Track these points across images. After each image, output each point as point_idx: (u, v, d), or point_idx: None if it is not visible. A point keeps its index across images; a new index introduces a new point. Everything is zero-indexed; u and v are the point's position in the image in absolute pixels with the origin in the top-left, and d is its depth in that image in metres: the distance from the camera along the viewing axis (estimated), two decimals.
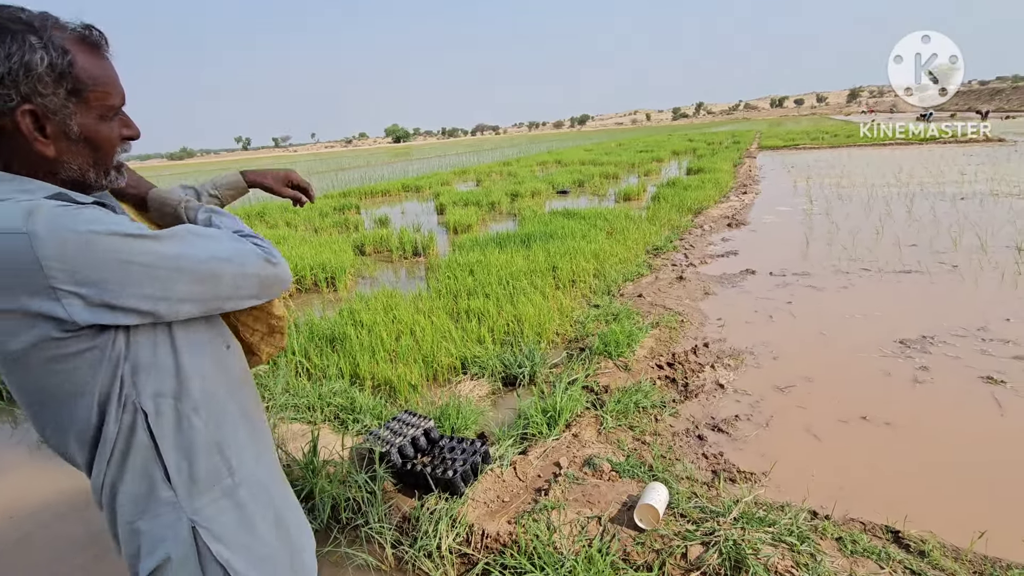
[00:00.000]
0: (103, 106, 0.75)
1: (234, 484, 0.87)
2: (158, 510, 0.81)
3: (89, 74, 0.73)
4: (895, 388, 3.07)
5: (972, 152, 16.12)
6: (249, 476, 0.90)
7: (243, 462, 0.90)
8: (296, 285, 5.89)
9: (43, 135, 0.72)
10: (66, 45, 0.71)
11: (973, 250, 5.66)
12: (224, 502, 0.86)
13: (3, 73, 0.66)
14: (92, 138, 0.76)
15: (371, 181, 19.19)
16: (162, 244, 0.73)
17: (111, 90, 0.76)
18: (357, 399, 2.97)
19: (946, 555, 1.82)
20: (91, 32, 0.75)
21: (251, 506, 0.89)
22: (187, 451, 0.82)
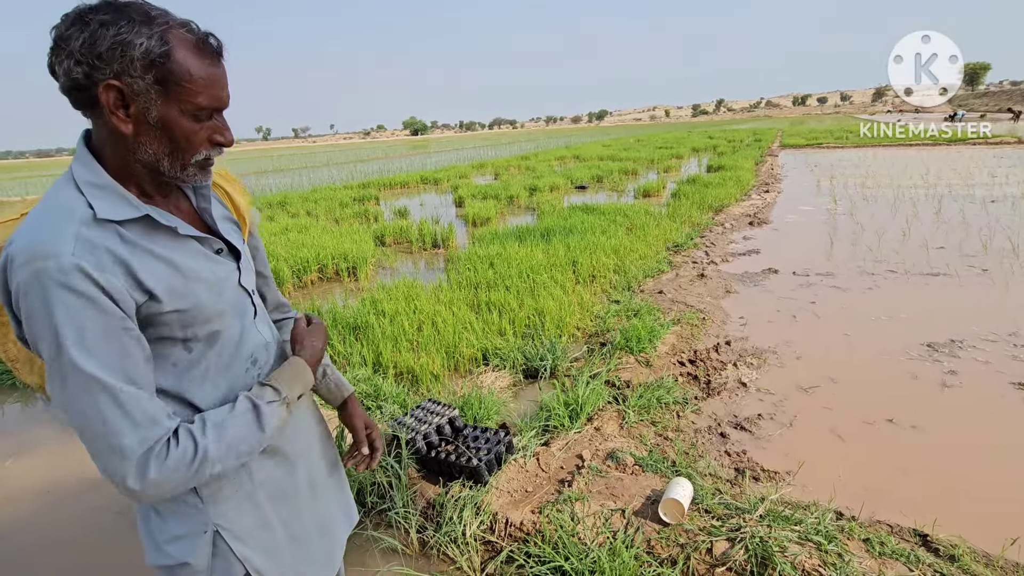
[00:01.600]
0: (188, 103, 0.78)
1: (253, 487, 0.93)
2: (185, 511, 0.87)
3: (183, 69, 0.76)
4: (922, 391, 3.02)
5: (1003, 154, 15.70)
6: (267, 479, 0.95)
7: (262, 466, 0.95)
8: (318, 274, 5.96)
9: (125, 113, 0.76)
10: (171, 40, 0.75)
11: (1004, 253, 5.54)
12: (246, 505, 0.92)
13: (104, 49, 0.72)
14: (170, 129, 0.79)
15: (390, 173, 19.30)
16: (70, 377, 0.72)
17: (200, 90, 0.78)
18: (381, 386, 3.00)
19: (977, 560, 1.80)
20: (203, 38, 0.79)
21: (268, 507, 0.95)
22: None
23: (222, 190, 1.02)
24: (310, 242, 6.47)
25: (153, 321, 0.80)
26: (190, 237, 0.86)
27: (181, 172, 0.83)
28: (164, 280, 0.79)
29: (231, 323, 0.90)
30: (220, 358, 0.88)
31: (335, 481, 1.15)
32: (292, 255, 5.85)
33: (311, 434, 1.09)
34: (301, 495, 1.01)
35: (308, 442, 1.06)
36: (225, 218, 0.97)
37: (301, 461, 1.03)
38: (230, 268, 0.92)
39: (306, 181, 18.50)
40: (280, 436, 0.99)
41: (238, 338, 0.91)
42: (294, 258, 5.79)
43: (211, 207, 0.94)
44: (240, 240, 0.97)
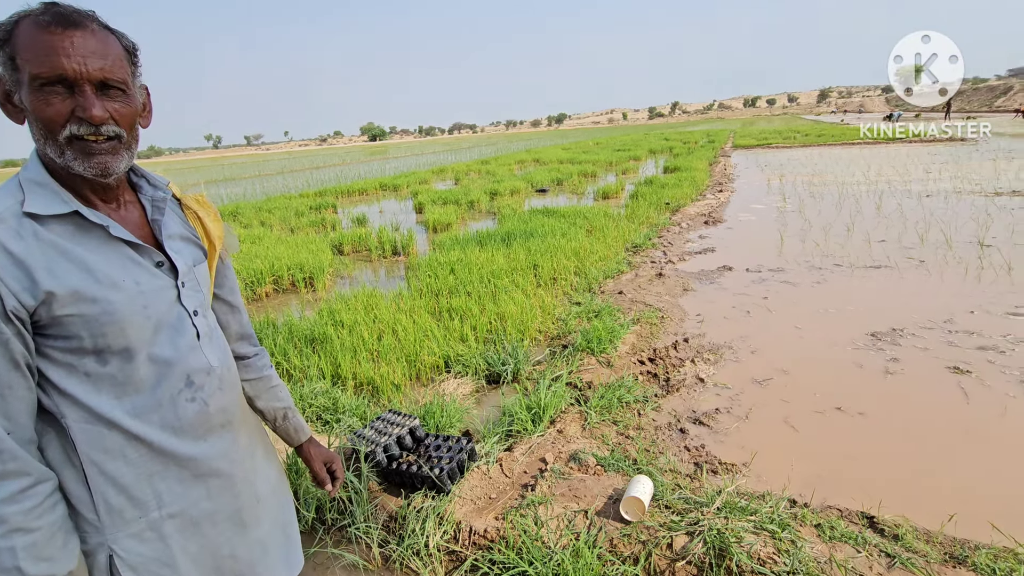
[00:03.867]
0: (29, 75, 0.77)
1: (161, 518, 0.88)
2: (83, 526, 0.83)
3: (22, 42, 0.76)
4: (867, 379, 3.16)
5: (936, 151, 16.68)
6: (182, 511, 0.90)
7: (182, 495, 0.90)
8: (273, 285, 5.79)
9: (10, 104, 0.79)
10: (20, 19, 0.76)
11: (939, 245, 5.87)
12: (148, 534, 0.87)
13: None
14: (31, 109, 0.78)
15: (347, 180, 18.99)
16: None
17: (32, 58, 0.76)
18: (340, 399, 2.94)
19: (919, 538, 1.88)
20: (44, 8, 0.77)
21: (175, 539, 0.90)
22: (114, 481, 0.84)
23: (193, 213, 1.00)
24: (264, 253, 6.29)
25: (56, 323, 0.77)
26: (123, 242, 0.84)
27: (61, 158, 0.80)
28: (68, 281, 0.77)
29: (159, 340, 0.86)
30: (143, 375, 0.84)
31: (279, 523, 1.10)
32: (245, 267, 5.67)
33: (253, 469, 1.04)
34: (222, 529, 0.96)
35: (247, 475, 1.02)
36: (181, 237, 0.95)
37: (234, 494, 0.98)
38: (167, 283, 0.88)
39: (259, 190, 18.00)
40: (222, 462, 0.96)
41: (170, 357, 0.88)
42: (247, 270, 5.61)
43: (164, 220, 0.92)
44: (190, 260, 0.94)
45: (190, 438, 0.90)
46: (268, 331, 3.88)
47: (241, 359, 1.11)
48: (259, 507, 1.04)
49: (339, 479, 1.25)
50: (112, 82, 0.81)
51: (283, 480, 1.16)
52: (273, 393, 1.16)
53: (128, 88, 0.84)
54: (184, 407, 0.89)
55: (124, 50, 0.84)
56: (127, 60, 0.84)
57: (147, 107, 0.92)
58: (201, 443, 0.92)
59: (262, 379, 1.15)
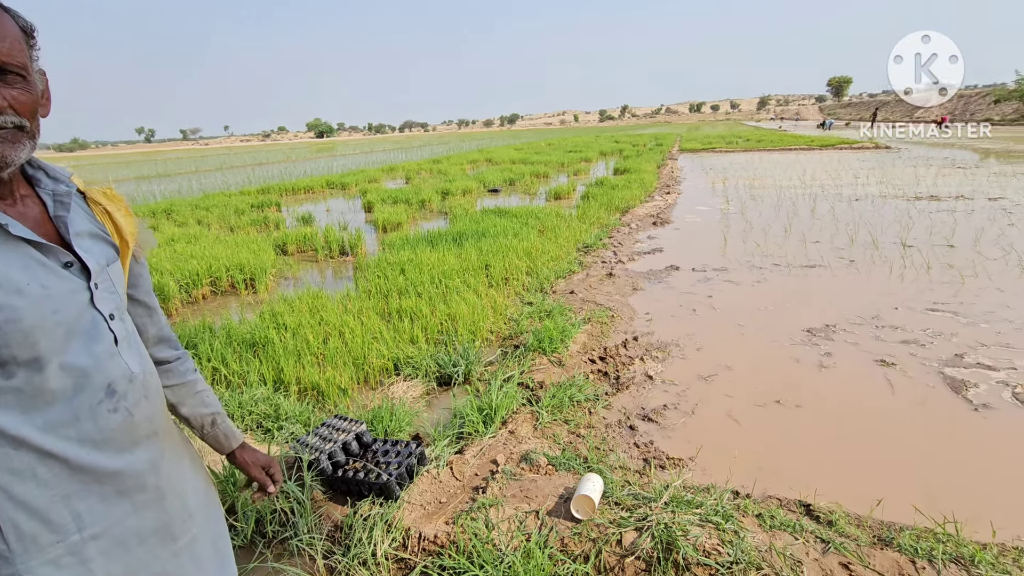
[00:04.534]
0: None
1: (82, 541, 0.80)
2: None
3: None
4: (804, 373, 3.32)
5: (864, 158, 17.80)
6: (106, 531, 0.83)
7: (104, 513, 0.83)
8: (211, 287, 5.50)
9: None
10: None
11: (867, 246, 6.25)
12: (66, 559, 0.79)
13: None
14: None
15: (292, 177, 18.34)
16: None
17: None
18: (282, 406, 2.81)
19: (850, 523, 1.98)
20: None
21: (99, 562, 0.82)
22: (25, 505, 0.75)
23: (102, 208, 0.91)
24: (201, 253, 5.97)
25: None
26: (25, 241, 0.75)
27: None
28: None
29: (72, 347, 0.78)
30: (55, 386, 0.76)
31: (210, 537, 1.04)
32: (179, 268, 5.36)
33: (182, 480, 0.97)
34: (150, 546, 0.89)
35: (177, 487, 0.95)
36: (91, 234, 0.87)
37: (163, 508, 0.91)
38: (77, 285, 0.80)
39: (196, 187, 17.11)
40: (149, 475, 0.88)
41: (86, 365, 0.80)
42: (181, 271, 5.30)
43: (69, 216, 0.83)
44: (102, 259, 0.86)
45: (113, 451, 0.83)
46: (204, 335, 3.67)
47: (162, 364, 1.03)
48: (190, 521, 0.97)
49: (278, 482, 1.20)
50: (10, 67, 0.73)
51: (212, 491, 1.09)
52: (199, 399, 1.09)
53: (28, 73, 0.76)
54: (106, 418, 0.81)
55: (21, 31, 0.76)
56: (24, 42, 0.76)
57: (46, 94, 0.84)
58: (126, 455, 0.85)
59: (186, 384, 1.07)
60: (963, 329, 3.81)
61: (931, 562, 1.75)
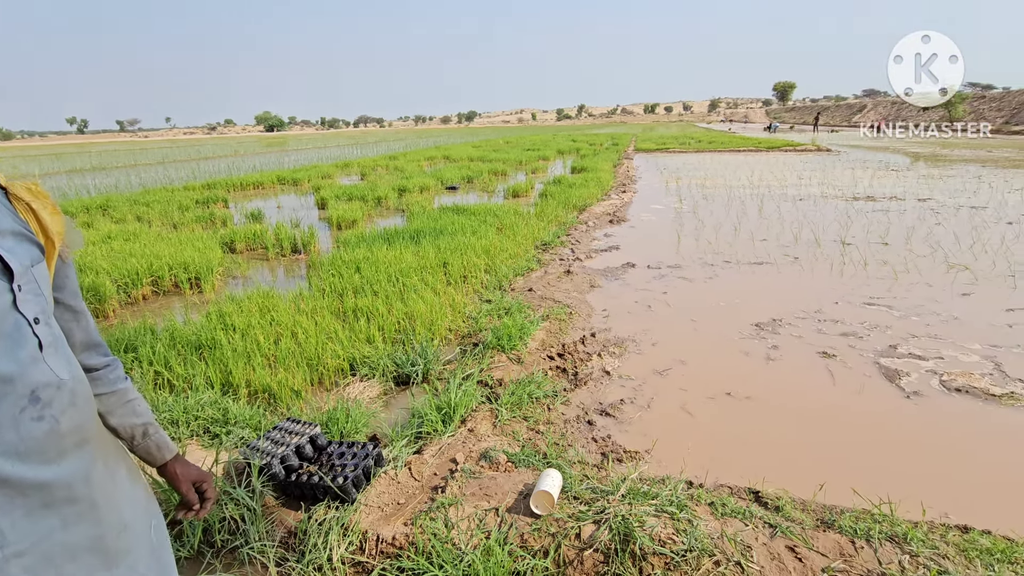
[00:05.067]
0: None
1: (4, 558, 0.74)
2: None
3: None
4: (752, 365, 3.45)
5: (807, 160, 18.67)
6: (30, 548, 0.77)
7: (30, 529, 0.77)
8: (152, 287, 5.22)
9: None
10: None
11: (810, 244, 6.56)
12: None
13: None
14: None
15: (241, 172, 17.68)
16: None
17: None
18: (231, 409, 2.70)
19: (796, 507, 2.08)
20: None
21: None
22: None
23: (25, 205, 0.84)
24: (141, 251, 5.66)
25: None
26: None
27: None
28: None
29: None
30: None
31: (150, 548, 0.98)
32: (117, 267, 5.06)
33: (117, 491, 0.92)
34: (82, 563, 0.83)
35: (111, 499, 0.89)
36: (13, 233, 0.80)
37: (95, 521, 0.85)
38: None
39: (136, 181, 16.22)
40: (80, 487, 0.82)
41: (9, 371, 0.74)
42: (120, 270, 5.01)
43: None
44: (26, 259, 0.79)
45: (38, 462, 0.77)
46: (145, 338, 3.49)
47: (90, 371, 0.96)
48: (126, 533, 0.91)
49: (209, 500, 1.13)
50: None
51: (152, 501, 1.03)
52: (129, 408, 1.03)
53: None
54: (30, 427, 0.75)
55: None
56: None
57: None
58: (53, 466, 0.79)
59: (115, 393, 1.01)
60: (896, 322, 4.06)
61: (869, 541, 1.85)
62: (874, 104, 64.16)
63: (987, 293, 4.65)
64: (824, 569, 1.73)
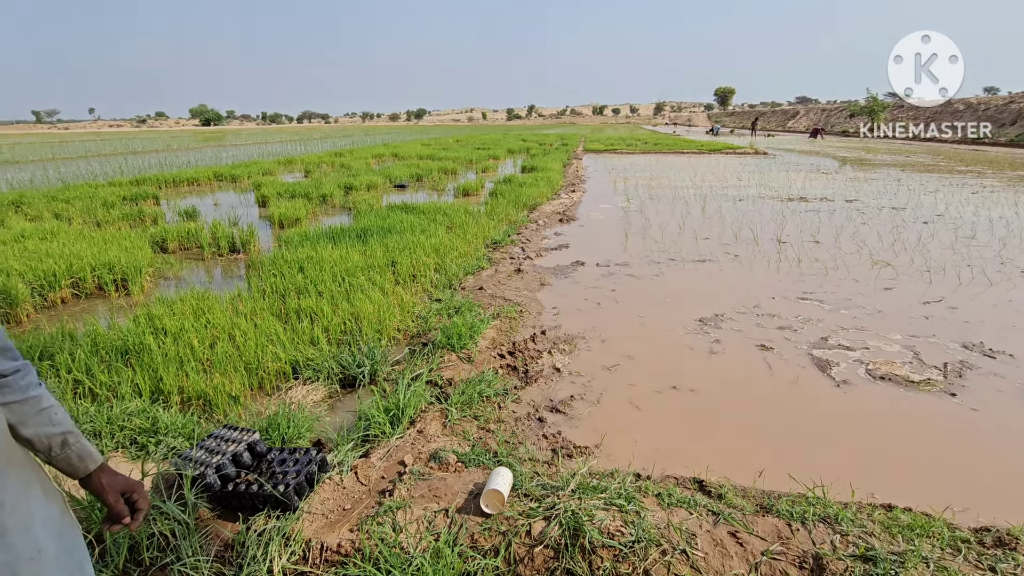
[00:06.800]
0: None
1: None
2: None
3: None
4: (696, 359, 3.56)
5: (746, 162, 19.54)
6: None
7: None
8: (72, 290, 4.84)
9: None
10: None
11: (749, 242, 6.86)
12: None
13: None
14: None
15: (174, 168, 16.72)
16: None
17: None
18: (161, 418, 2.53)
19: (737, 495, 2.15)
20: None
21: None
22: None
23: None
24: (59, 251, 5.24)
25: None
26: None
27: None
28: None
29: None
30: None
31: (67, 571, 0.89)
32: (32, 267, 4.66)
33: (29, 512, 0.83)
34: None
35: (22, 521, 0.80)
36: None
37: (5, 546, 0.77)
38: None
39: (54, 176, 15.03)
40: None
41: None
42: (35, 271, 4.61)
43: None
44: None
45: None
46: (64, 344, 3.22)
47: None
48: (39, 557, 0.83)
49: (141, 511, 1.05)
50: None
51: (69, 518, 0.94)
52: (45, 417, 0.93)
53: None
54: None
55: None
56: None
57: None
58: None
59: (27, 400, 0.91)
60: (827, 315, 4.29)
61: (804, 524, 1.94)
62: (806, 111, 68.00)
63: (907, 287, 5.00)
64: (763, 552, 1.80)
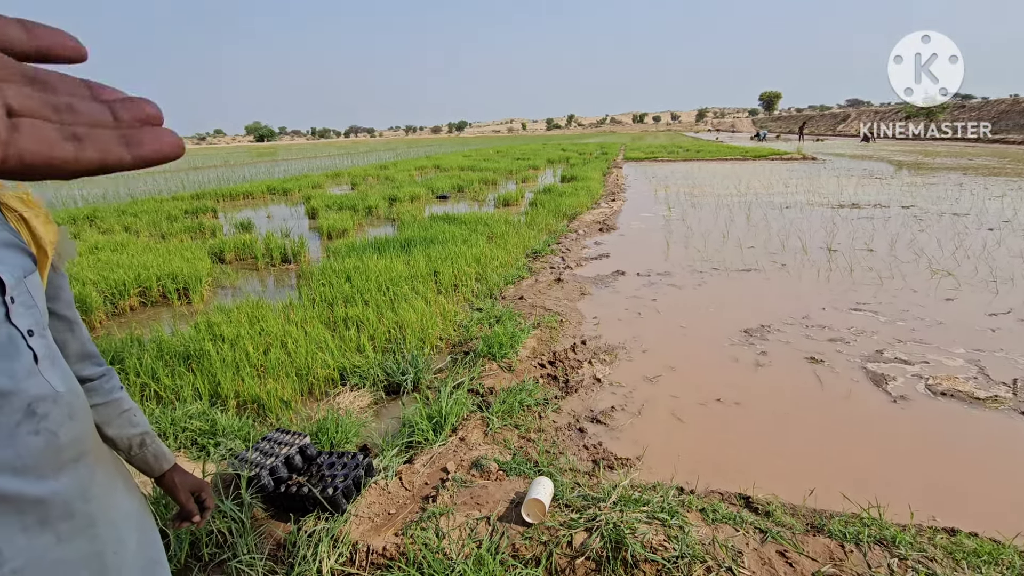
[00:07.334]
0: None
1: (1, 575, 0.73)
2: None
3: None
4: (742, 371, 3.47)
5: (793, 168, 18.92)
6: (28, 565, 0.75)
7: (27, 546, 0.75)
8: (140, 298, 5.17)
9: None
10: None
11: (797, 251, 6.64)
12: None
13: None
14: None
15: (230, 182, 17.58)
16: None
17: None
18: (219, 421, 2.67)
19: (786, 512, 2.09)
20: None
21: None
22: None
23: (16, 215, 0.83)
24: (128, 261, 5.61)
25: None
26: None
27: None
28: None
29: None
30: None
31: (145, 563, 0.95)
32: (104, 277, 5.01)
33: (114, 506, 0.90)
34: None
35: (108, 514, 0.88)
36: (5, 244, 0.79)
37: (92, 537, 0.83)
38: None
39: (123, 191, 16.08)
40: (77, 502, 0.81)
41: (4, 386, 0.72)
42: (107, 281, 4.95)
43: None
44: (19, 271, 0.78)
45: (35, 477, 0.75)
46: (132, 349, 3.45)
47: (85, 382, 0.95)
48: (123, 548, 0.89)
49: (208, 508, 1.13)
50: None
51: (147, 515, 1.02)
52: (126, 418, 1.02)
53: None
54: (26, 442, 0.74)
55: None
56: None
57: None
58: (50, 481, 0.77)
59: (111, 403, 0.99)
60: (882, 327, 4.11)
61: (858, 545, 1.86)
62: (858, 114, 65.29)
63: (970, 298, 4.73)
64: (814, 573, 1.74)
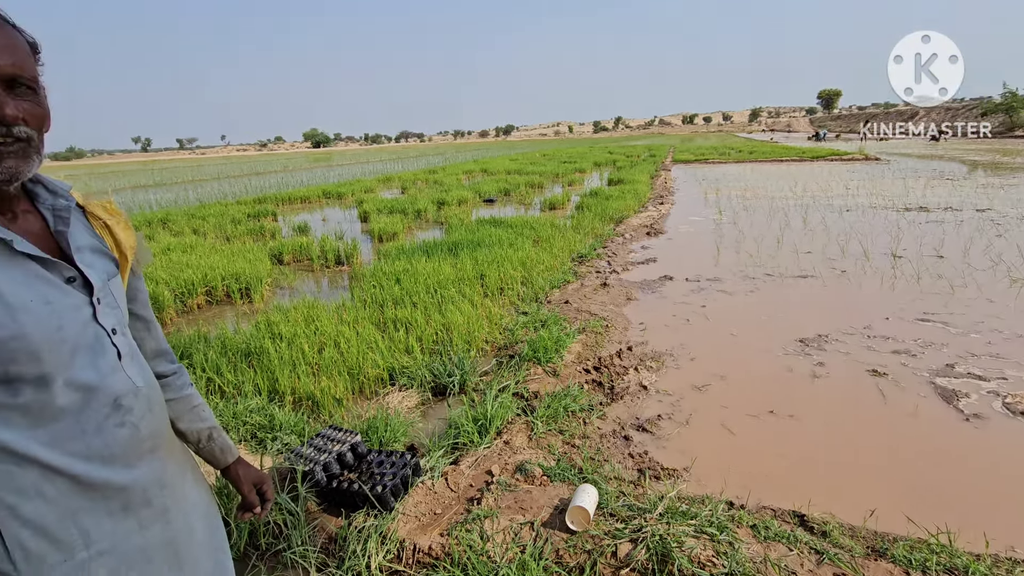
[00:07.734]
0: None
1: (89, 558, 0.79)
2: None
3: None
4: (796, 383, 3.33)
5: (854, 169, 18.01)
6: (113, 548, 0.82)
7: (112, 530, 0.82)
8: (206, 297, 5.48)
9: None
10: None
11: (858, 257, 6.31)
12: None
13: None
14: None
15: (289, 187, 18.38)
16: None
17: None
18: (276, 416, 2.80)
19: (844, 534, 1.99)
20: None
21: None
22: (33, 523, 0.74)
23: (101, 223, 0.91)
24: (196, 262, 5.96)
25: None
26: (29, 257, 0.75)
27: None
28: None
29: (77, 363, 0.78)
30: (62, 402, 0.76)
31: (212, 551, 1.03)
32: (175, 277, 5.35)
33: (185, 495, 0.97)
34: (156, 564, 0.88)
35: (180, 503, 0.95)
36: (91, 249, 0.87)
37: (166, 523, 0.90)
38: (80, 300, 0.81)
39: (193, 196, 17.11)
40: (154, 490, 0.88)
41: (92, 380, 0.80)
42: (177, 280, 5.28)
43: (69, 231, 0.83)
44: (103, 274, 0.87)
45: (120, 466, 0.83)
46: (199, 345, 3.66)
47: (160, 378, 1.03)
48: (192, 536, 0.96)
49: (269, 500, 1.19)
50: (23, 79, 0.74)
51: (213, 505, 1.09)
52: (196, 413, 1.09)
53: (38, 87, 0.78)
54: (113, 433, 0.81)
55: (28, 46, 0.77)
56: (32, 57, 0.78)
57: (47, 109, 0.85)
58: (132, 470, 0.84)
59: (182, 398, 1.07)
60: (953, 339, 3.85)
61: (925, 573, 1.76)
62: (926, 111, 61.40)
63: None
64: None
